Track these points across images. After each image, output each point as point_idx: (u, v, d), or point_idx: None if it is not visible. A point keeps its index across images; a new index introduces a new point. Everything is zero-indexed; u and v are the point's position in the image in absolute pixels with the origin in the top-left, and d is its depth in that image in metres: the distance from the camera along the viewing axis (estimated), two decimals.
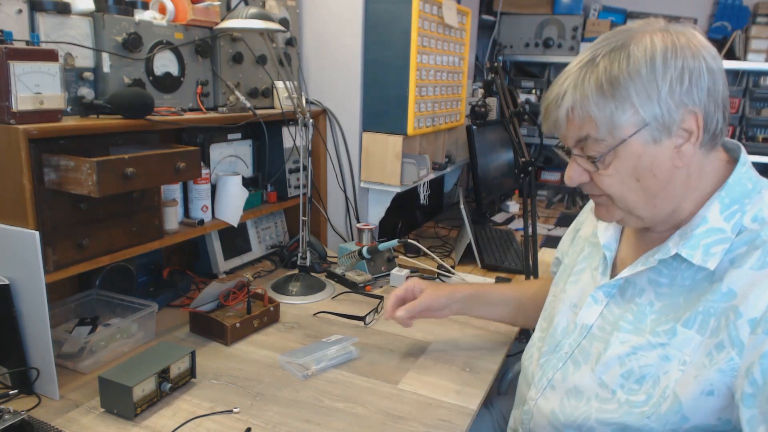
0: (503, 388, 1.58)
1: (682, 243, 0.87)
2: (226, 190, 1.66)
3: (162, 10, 1.50)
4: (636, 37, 0.83)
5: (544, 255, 2.04)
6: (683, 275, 0.89)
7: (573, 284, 1.08)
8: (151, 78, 1.44)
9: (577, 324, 1.01)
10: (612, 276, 1.01)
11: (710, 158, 0.88)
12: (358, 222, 2.07)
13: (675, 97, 0.81)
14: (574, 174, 0.90)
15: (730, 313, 0.80)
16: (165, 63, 1.47)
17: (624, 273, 0.96)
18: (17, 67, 1.07)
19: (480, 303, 1.35)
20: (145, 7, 1.47)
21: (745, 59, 3.06)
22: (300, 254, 1.75)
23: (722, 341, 0.81)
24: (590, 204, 1.14)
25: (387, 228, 2.23)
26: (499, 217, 2.59)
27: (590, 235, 1.11)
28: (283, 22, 1.84)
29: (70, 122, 1.20)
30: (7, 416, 0.98)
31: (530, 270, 1.61)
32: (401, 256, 1.99)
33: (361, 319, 1.50)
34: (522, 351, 1.19)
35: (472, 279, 1.78)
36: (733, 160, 0.91)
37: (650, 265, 0.91)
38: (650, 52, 0.81)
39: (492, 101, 2.72)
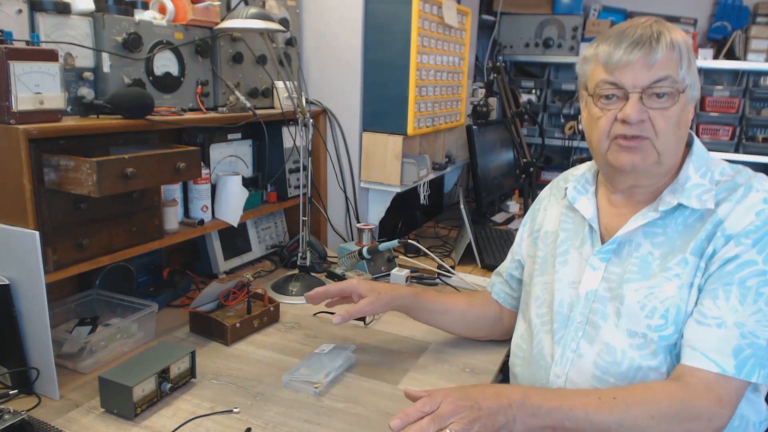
0: None
1: (678, 195, 1.01)
2: (226, 190, 1.66)
3: (162, 10, 1.50)
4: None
5: None
6: (675, 222, 1.02)
7: (563, 265, 1.14)
8: (151, 78, 1.44)
9: (580, 294, 1.07)
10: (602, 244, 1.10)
11: None
12: (358, 222, 2.07)
13: (696, 74, 1.01)
14: (634, 111, 0.97)
15: (717, 233, 0.97)
16: (165, 63, 1.47)
17: (620, 233, 1.05)
18: (17, 67, 1.07)
19: (421, 309, 1.35)
20: (145, 7, 1.47)
21: (745, 59, 3.06)
22: (300, 254, 1.75)
23: (709, 255, 0.97)
24: (534, 210, 1.30)
25: (387, 228, 2.23)
26: (499, 217, 2.59)
27: (559, 223, 1.19)
28: (283, 22, 1.85)
29: (70, 122, 1.20)
30: (7, 416, 0.98)
31: None
32: (401, 256, 1.99)
33: (361, 319, 1.50)
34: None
35: (471, 279, 1.78)
36: None
37: (650, 218, 1.03)
38: (688, 38, 1.00)
39: (493, 101, 2.72)
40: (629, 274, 1.03)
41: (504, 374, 1.47)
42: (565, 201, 1.19)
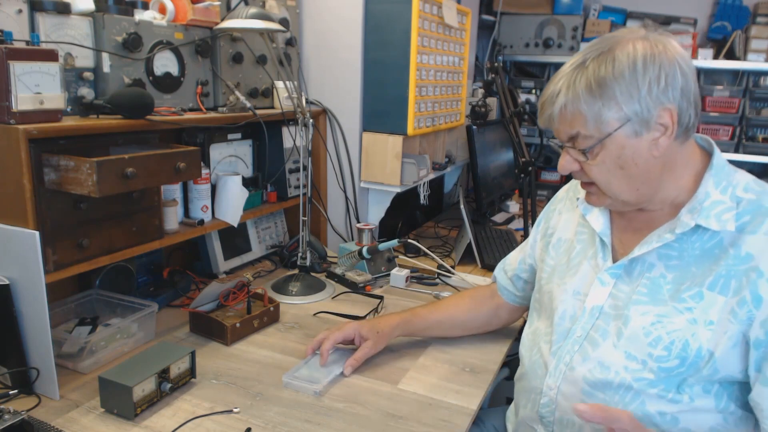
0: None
1: (696, 216, 0.96)
2: (226, 190, 1.66)
3: (162, 10, 1.50)
4: (620, 43, 0.94)
5: None
6: (693, 246, 0.98)
7: (572, 276, 1.12)
8: (151, 78, 1.44)
9: (585, 308, 1.06)
10: (613, 259, 1.08)
11: (685, 147, 0.99)
12: (358, 222, 2.07)
13: (653, 96, 0.92)
14: (566, 163, 1.02)
15: (751, 273, 0.91)
16: (165, 63, 1.47)
17: (634, 253, 1.03)
18: (17, 67, 1.07)
19: (418, 329, 1.40)
20: (145, 7, 1.47)
21: (745, 59, 3.06)
22: (300, 254, 1.75)
23: (744, 298, 0.91)
24: (548, 211, 1.28)
25: (387, 228, 2.23)
26: (499, 217, 2.59)
27: (574, 233, 1.17)
28: (283, 22, 1.85)
29: (70, 122, 1.20)
30: (7, 416, 0.98)
31: None
32: (401, 256, 1.99)
33: (362, 319, 1.50)
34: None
35: (472, 279, 1.78)
36: (701, 148, 1.04)
37: (666, 240, 0.99)
38: (632, 56, 0.92)
39: (492, 101, 2.72)
40: (638, 296, 1.00)
41: (508, 375, 1.47)
42: (580, 209, 1.17)
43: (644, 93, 0.92)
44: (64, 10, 1.25)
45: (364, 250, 1.77)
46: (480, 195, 2.38)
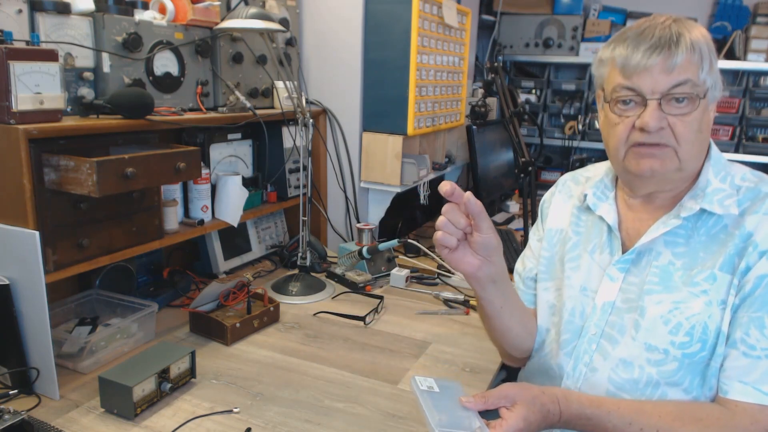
0: None
1: (699, 201, 0.97)
2: (226, 190, 1.66)
3: (162, 10, 1.50)
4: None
5: None
6: (698, 232, 0.98)
7: (574, 270, 1.10)
8: (151, 78, 1.44)
9: (596, 305, 1.04)
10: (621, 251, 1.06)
11: None
12: (358, 222, 2.07)
13: (718, 73, 0.97)
14: (653, 120, 0.92)
15: (749, 248, 0.93)
16: (165, 63, 1.47)
17: (641, 241, 1.01)
18: (17, 67, 1.07)
19: (507, 296, 1.08)
20: (145, 7, 1.47)
21: (745, 59, 3.06)
22: (300, 254, 1.75)
23: (742, 271, 0.94)
24: (542, 209, 1.23)
25: (387, 228, 2.23)
26: (499, 217, 2.59)
27: (568, 223, 1.14)
28: (283, 22, 1.85)
29: (70, 122, 1.20)
30: (7, 416, 0.98)
31: None
32: (401, 256, 1.99)
33: (361, 319, 1.50)
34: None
35: None
36: None
37: (671, 226, 0.99)
38: (707, 32, 0.96)
39: (492, 101, 2.72)
40: (649, 285, 0.99)
41: (508, 377, 1.47)
42: (575, 201, 1.15)
43: (717, 65, 0.96)
44: (64, 10, 1.25)
45: (364, 250, 1.77)
46: (480, 195, 2.37)
